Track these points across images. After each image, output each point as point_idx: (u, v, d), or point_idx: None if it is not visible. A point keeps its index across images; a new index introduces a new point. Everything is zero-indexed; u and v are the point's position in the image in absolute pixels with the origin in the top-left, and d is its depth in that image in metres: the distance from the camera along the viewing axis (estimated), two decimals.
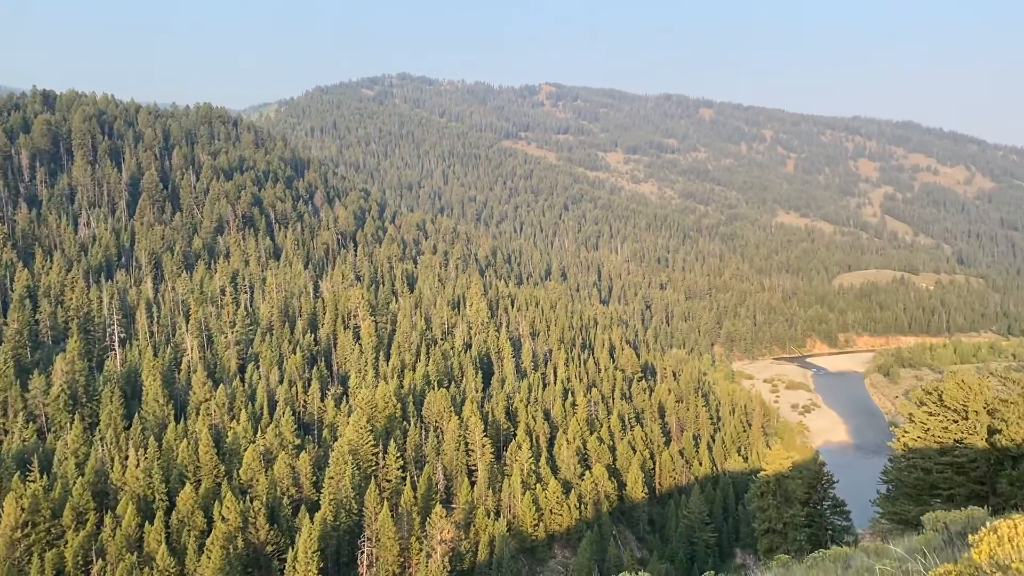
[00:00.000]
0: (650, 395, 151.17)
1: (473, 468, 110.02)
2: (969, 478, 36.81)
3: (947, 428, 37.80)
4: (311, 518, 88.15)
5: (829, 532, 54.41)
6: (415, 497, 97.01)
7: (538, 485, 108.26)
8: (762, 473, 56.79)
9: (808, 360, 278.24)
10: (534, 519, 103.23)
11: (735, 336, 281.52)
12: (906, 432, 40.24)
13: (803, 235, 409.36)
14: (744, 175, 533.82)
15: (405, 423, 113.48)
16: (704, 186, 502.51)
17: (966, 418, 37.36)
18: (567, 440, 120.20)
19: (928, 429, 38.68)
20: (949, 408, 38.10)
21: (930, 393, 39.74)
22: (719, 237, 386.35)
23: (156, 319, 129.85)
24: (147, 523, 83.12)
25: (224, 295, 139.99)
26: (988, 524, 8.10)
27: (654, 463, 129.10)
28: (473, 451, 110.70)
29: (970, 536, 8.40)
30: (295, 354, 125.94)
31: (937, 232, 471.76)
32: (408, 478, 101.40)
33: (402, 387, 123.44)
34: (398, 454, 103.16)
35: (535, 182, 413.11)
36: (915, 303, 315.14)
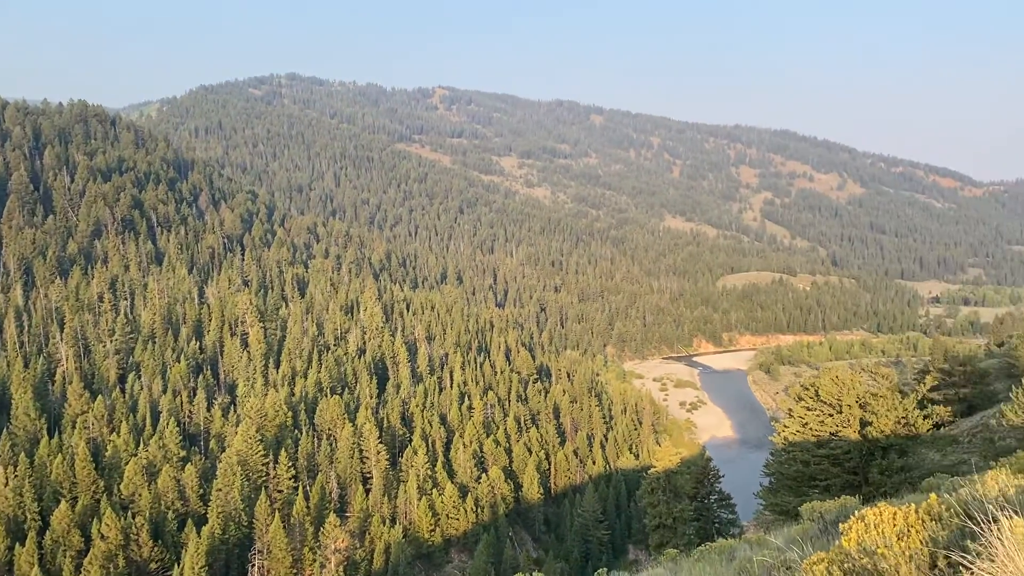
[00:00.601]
0: (545, 396, 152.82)
1: (368, 475, 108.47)
2: (844, 469, 38.73)
3: (823, 422, 39.63)
4: (198, 532, 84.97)
5: (716, 525, 56.31)
6: (308, 507, 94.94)
7: (434, 490, 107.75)
8: (652, 470, 58.28)
9: (695, 359, 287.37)
10: (430, 524, 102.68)
11: (626, 337, 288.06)
12: (786, 426, 41.92)
13: (689, 239, 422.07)
14: (633, 180, 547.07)
15: (296, 432, 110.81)
16: (595, 191, 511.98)
17: (840, 412, 39.27)
18: (464, 444, 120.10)
19: (806, 423, 40.44)
20: (825, 403, 39.95)
21: (807, 389, 41.48)
22: (610, 240, 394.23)
23: (27, 328, 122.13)
24: (17, 545, 78.09)
25: (102, 302, 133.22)
26: (858, 512, 8.52)
27: (549, 464, 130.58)
28: (368, 458, 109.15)
29: (842, 524, 8.79)
30: (179, 362, 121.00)
31: (813, 235, 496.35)
32: (300, 488, 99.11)
33: (293, 395, 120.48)
34: (290, 464, 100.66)
35: (430, 185, 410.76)
36: (793, 303, 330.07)
